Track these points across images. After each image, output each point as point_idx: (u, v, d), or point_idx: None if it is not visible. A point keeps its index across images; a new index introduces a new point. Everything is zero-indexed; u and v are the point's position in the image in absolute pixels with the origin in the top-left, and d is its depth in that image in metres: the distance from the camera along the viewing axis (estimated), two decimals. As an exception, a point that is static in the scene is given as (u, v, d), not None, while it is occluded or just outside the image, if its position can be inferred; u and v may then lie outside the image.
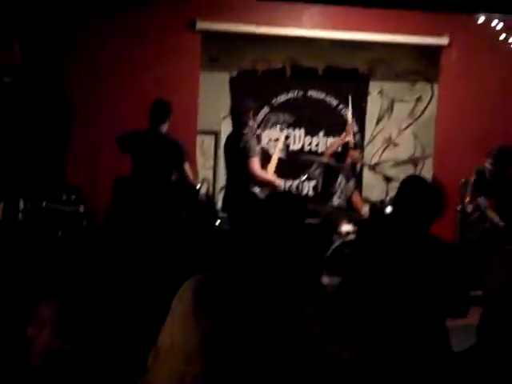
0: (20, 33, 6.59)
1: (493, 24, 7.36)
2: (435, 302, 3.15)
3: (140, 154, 5.96)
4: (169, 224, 5.75)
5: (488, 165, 6.25)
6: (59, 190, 5.89)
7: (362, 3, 7.06)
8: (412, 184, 3.38)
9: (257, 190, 6.07)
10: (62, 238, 5.40)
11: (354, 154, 7.17)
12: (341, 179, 7.09)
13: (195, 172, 6.94)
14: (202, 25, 7.17)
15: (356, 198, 7.22)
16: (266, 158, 7.13)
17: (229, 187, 6.58)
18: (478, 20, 7.31)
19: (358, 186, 7.49)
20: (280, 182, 6.44)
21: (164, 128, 5.99)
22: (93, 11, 6.92)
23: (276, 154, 6.74)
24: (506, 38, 7.36)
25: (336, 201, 6.92)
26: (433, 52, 7.73)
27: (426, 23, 7.48)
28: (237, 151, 6.18)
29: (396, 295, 3.16)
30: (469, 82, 7.57)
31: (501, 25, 7.35)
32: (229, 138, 6.48)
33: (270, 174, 6.42)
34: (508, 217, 6.20)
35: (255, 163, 6.07)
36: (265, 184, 6.17)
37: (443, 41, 7.56)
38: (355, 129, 8.00)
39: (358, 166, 7.43)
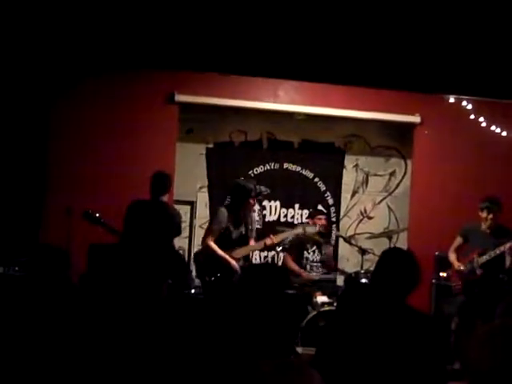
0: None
1: (462, 104, 7.62)
2: (412, 374, 3.11)
3: (143, 222, 5.95)
4: (154, 291, 5.69)
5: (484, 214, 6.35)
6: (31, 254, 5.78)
7: (338, 81, 7.25)
8: (393, 255, 3.42)
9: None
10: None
11: (321, 219, 6.98)
12: (310, 250, 6.94)
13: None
14: (180, 97, 7.28)
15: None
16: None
17: None
18: (448, 100, 7.58)
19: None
20: None
21: (165, 198, 6.07)
22: (78, 82, 7.02)
23: None
24: (475, 118, 7.61)
25: (310, 273, 6.83)
26: (406, 129, 7.92)
27: (400, 102, 7.70)
28: None
29: (372, 366, 3.12)
30: (441, 158, 7.74)
31: (470, 105, 7.62)
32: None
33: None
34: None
35: None
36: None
37: (416, 119, 7.76)
38: (330, 201, 8.06)
39: (333, 235, 7.31)
